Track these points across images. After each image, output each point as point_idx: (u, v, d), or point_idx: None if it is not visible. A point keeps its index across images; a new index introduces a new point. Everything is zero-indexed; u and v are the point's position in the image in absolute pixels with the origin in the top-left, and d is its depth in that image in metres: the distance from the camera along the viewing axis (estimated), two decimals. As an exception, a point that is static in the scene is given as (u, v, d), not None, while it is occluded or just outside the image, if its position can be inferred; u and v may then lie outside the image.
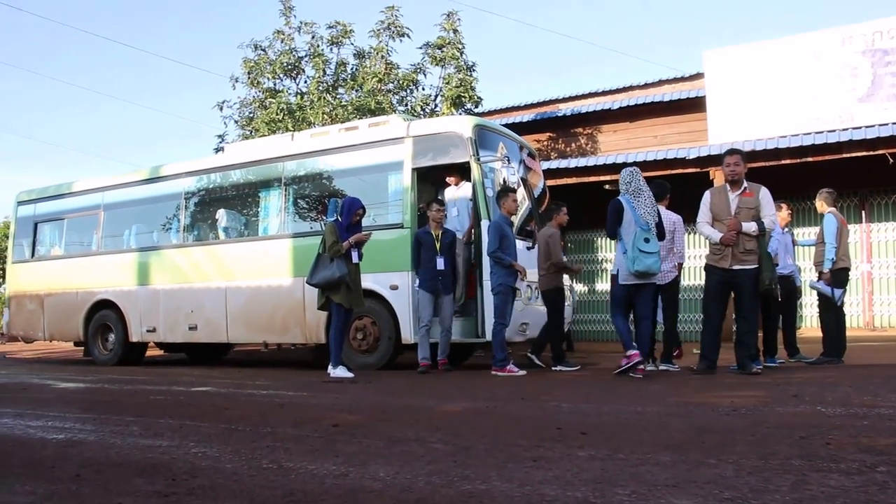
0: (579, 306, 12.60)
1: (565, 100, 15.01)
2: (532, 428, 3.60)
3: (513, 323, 6.96)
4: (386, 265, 7.55)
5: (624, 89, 14.40)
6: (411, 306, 7.41)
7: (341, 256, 6.67)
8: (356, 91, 13.29)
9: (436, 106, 13.41)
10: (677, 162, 10.64)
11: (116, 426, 3.96)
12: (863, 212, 11.64)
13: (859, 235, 11.51)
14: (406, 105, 13.53)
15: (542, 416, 4.04)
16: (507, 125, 11.37)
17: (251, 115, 13.93)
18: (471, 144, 7.39)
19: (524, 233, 7.76)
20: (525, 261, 7.05)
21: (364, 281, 7.09)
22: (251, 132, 13.55)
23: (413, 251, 7.26)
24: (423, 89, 13.60)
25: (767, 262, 5.98)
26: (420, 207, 7.72)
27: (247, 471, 2.71)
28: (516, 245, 6.94)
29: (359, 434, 3.50)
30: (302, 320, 8.22)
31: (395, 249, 7.52)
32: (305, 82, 13.87)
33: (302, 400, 5.30)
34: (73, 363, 10.97)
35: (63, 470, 2.82)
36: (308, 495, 2.33)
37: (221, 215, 9.30)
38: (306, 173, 8.86)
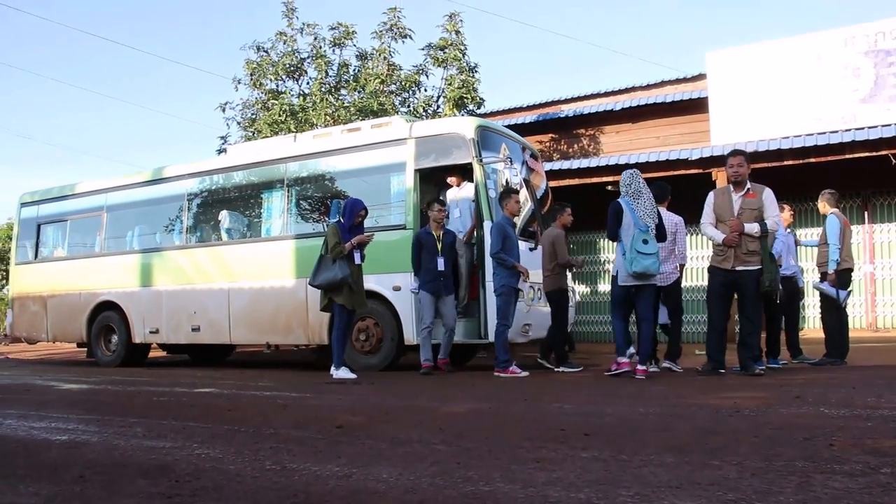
0: (581, 307, 12.61)
1: (567, 101, 15.00)
2: (535, 429, 3.60)
3: (515, 324, 6.96)
4: (389, 266, 7.55)
5: (626, 90, 14.39)
6: (414, 307, 7.41)
7: (344, 258, 6.67)
8: (358, 92, 13.28)
9: (438, 107, 13.40)
10: (680, 163, 10.63)
11: (120, 427, 3.97)
12: (865, 213, 11.63)
13: (862, 236, 11.49)
14: (408, 106, 13.52)
15: (545, 418, 4.04)
16: (510, 126, 11.38)
17: (254, 117, 13.93)
18: (473, 145, 7.39)
19: (527, 234, 7.76)
20: (528, 262, 7.04)
21: (367, 282, 7.08)
22: (254, 133, 13.56)
23: (413, 252, 7.22)
24: (426, 91, 13.60)
25: (769, 264, 5.97)
26: (421, 208, 7.73)
27: (250, 472, 2.71)
28: (519, 246, 6.94)
29: (362, 435, 3.50)
30: (305, 321, 8.23)
31: (398, 251, 7.52)
32: (308, 84, 13.86)
33: (305, 401, 5.30)
34: (77, 364, 10.99)
35: (67, 471, 2.83)
36: (312, 497, 2.34)
37: (224, 216, 9.31)
38: (309, 174, 8.87)
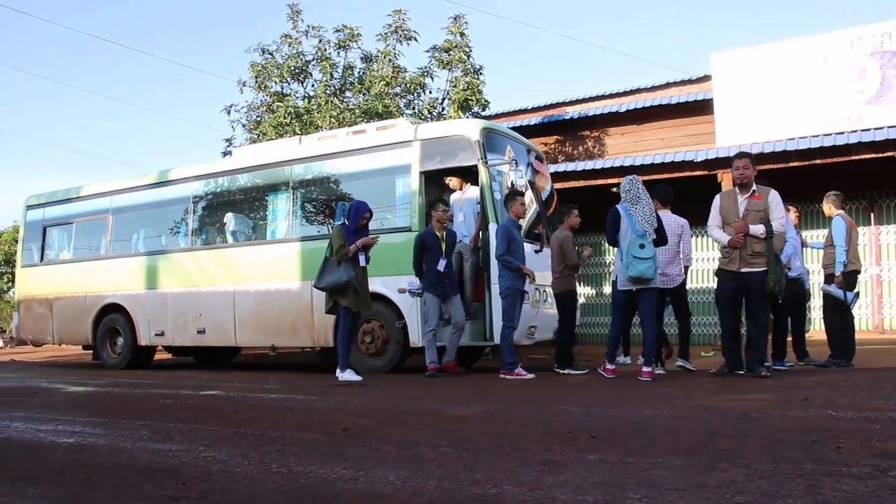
0: (586, 309, 12.58)
1: (572, 103, 14.98)
2: (541, 432, 3.60)
3: (521, 326, 6.94)
4: (394, 269, 7.54)
5: (631, 92, 14.37)
6: (419, 309, 7.41)
7: (348, 260, 6.67)
8: (363, 94, 13.30)
9: (443, 109, 13.41)
10: (685, 164, 10.60)
11: (126, 430, 3.98)
12: (871, 214, 11.58)
13: (868, 238, 11.44)
14: (413, 108, 13.54)
15: (552, 420, 4.03)
16: (515, 128, 11.35)
17: (259, 119, 13.97)
18: (478, 148, 7.38)
19: (532, 236, 7.75)
20: (533, 264, 7.04)
21: (372, 284, 7.08)
22: (259, 136, 13.59)
23: (416, 252, 7.13)
24: (431, 93, 13.63)
25: (775, 266, 5.94)
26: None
27: (257, 475, 2.71)
28: (524, 248, 6.94)
29: (368, 438, 3.50)
30: (310, 323, 8.23)
31: (403, 253, 7.50)
32: (313, 86, 13.89)
33: (310, 404, 5.30)
34: (82, 367, 11.02)
35: (74, 474, 2.83)
36: (318, 499, 2.34)
37: (229, 219, 9.33)
38: (314, 177, 8.87)
